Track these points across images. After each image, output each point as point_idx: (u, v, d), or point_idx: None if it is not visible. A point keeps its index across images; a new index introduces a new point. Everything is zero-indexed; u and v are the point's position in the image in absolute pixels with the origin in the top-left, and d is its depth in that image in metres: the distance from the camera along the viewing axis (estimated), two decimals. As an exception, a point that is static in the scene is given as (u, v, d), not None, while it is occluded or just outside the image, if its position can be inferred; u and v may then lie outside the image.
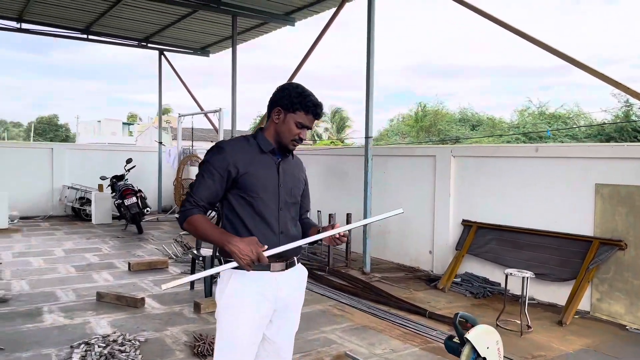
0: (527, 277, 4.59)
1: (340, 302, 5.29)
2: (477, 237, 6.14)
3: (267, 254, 1.95)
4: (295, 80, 8.95)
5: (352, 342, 4.16)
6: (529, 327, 4.58)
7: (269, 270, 2.13)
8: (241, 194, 2.12)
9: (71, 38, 11.14)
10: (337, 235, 2.10)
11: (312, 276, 6.27)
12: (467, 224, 6.33)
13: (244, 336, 2.10)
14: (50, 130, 52.79)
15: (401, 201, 7.30)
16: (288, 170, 2.23)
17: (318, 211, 7.70)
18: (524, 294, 4.59)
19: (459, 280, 6.02)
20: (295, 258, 2.26)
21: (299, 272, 2.31)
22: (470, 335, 2.75)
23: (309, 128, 2.17)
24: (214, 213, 5.93)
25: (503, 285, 5.64)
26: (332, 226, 2.13)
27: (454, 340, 2.92)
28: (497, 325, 4.62)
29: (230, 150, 2.12)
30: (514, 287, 5.37)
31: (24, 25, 10.32)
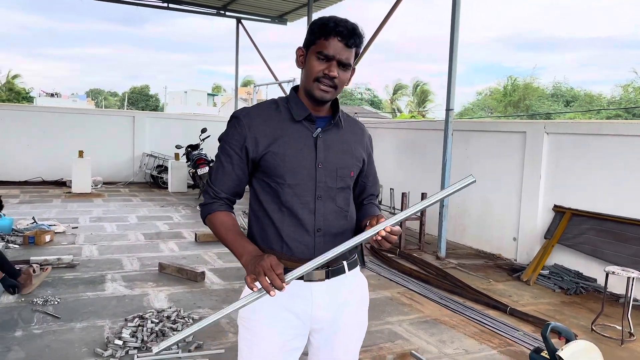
0: (634, 278, 3.89)
1: (410, 289, 4.85)
2: (571, 225, 5.41)
3: (287, 277, 1.37)
4: (371, 53, 8.47)
5: (420, 337, 3.73)
6: (631, 334, 3.91)
7: (302, 278, 1.54)
8: (265, 178, 1.59)
9: (153, 7, 11.25)
10: (383, 233, 1.41)
11: (381, 259, 5.87)
12: (559, 210, 5.60)
13: None
14: (141, 100, 55.62)
15: (484, 181, 6.65)
16: (334, 143, 1.61)
17: (391, 189, 7.22)
18: (629, 296, 3.91)
19: (546, 272, 5.35)
20: (344, 262, 1.65)
21: (352, 283, 1.70)
22: (565, 353, 2.23)
23: (340, 61, 1.51)
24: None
25: (600, 282, 4.94)
26: (376, 220, 1.47)
27: (542, 354, 2.41)
28: (593, 330, 3.99)
29: (248, 121, 1.57)
30: (614, 285, 4.66)
31: (109, -5, 10.52)
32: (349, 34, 1.49)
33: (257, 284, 1.37)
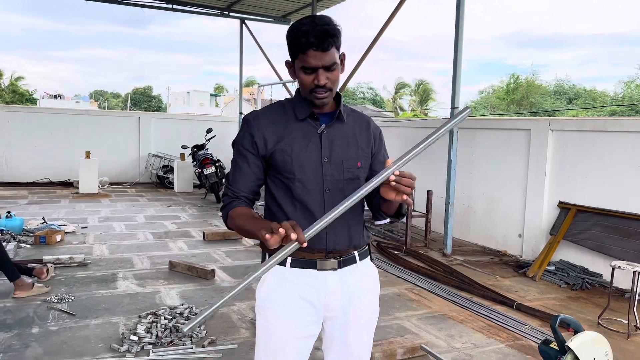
0: (639, 272, 3.94)
1: (417, 285, 4.91)
2: (576, 221, 5.46)
3: (306, 233, 1.36)
4: (375, 52, 8.50)
5: (429, 332, 3.79)
6: (637, 328, 3.96)
7: (316, 268, 1.66)
8: (277, 174, 1.67)
9: (157, 8, 11.31)
10: (393, 177, 1.40)
11: (387, 256, 5.93)
12: (564, 207, 5.65)
13: (280, 350, 1.67)
14: (144, 101, 55.76)
15: (488, 178, 6.70)
16: (338, 138, 1.69)
17: (397, 186, 7.26)
18: (635, 290, 3.96)
19: (552, 268, 5.40)
20: (355, 252, 1.73)
21: (363, 273, 1.77)
22: (574, 343, 2.29)
23: (324, 67, 1.55)
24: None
25: (605, 277, 4.99)
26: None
27: (551, 346, 2.47)
28: (599, 324, 4.04)
29: (257, 123, 1.67)
30: (620, 280, 4.70)
31: (113, -4, 10.59)
32: (321, 40, 1.52)
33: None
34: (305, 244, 1.34)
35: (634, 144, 5.02)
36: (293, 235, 1.32)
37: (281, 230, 1.32)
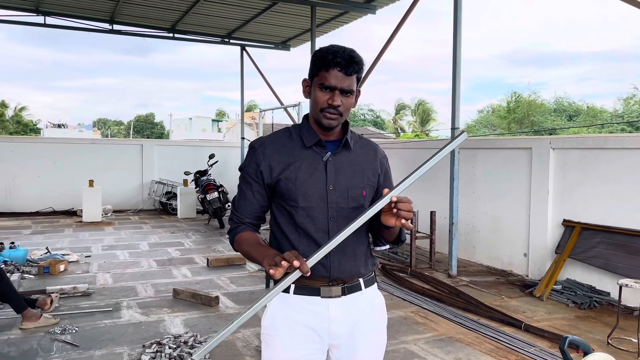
0: (647, 290, 3.90)
1: (423, 308, 4.86)
2: (581, 239, 5.43)
3: (309, 261, 1.40)
4: (373, 73, 8.61)
5: (437, 355, 3.74)
6: (648, 347, 3.90)
7: (319, 295, 1.65)
8: (281, 202, 1.68)
9: (159, 37, 11.49)
10: (391, 204, 1.44)
11: (392, 278, 5.88)
12: (568, 225, 5.62)
13: None
14: (146, 128, 56.19)
15: (491, 198, 6.69)
16: (344, 166, 1.68)
17: (400, 208, 7.26)
18: (643, 308, 3.91)
19: (559, 287, 5.35)
20: (360, 280, 1.71)
21: (369, 301, 1.74)
22: (583, 365, 2.25)
23: (342, 90, 1.58)
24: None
25: (613, 295, 4.94)
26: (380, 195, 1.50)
27: (560, 368, 2.43)
28: (609, 343, 3.99)
29: (262, 150, 1.68)
30: (628, 298, 4.65)
31: (116, 27, 10.76)
32: (347, 63, 1.57)
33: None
34: (308, 274, 1.36)
35: (636, 161, 5.02)
36: (296, 263, 1.34)
37: (284, 263, 1.35)
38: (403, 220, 1.47)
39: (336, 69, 1.57)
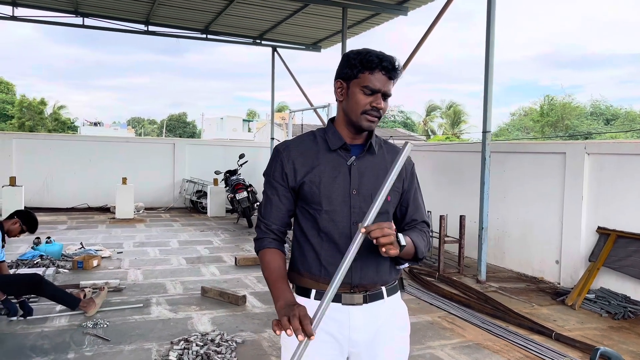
0: (685, 302, 3.76)
1: (451, 313, 4.80)
2: (617, 247, 5.27)
3: (314, 326, 1.38)
4: (405, 74, 8.57)
5: (463, 362, 3.69)
6: (685, 361, 3.76)
7: (340, 302, 1.62)
8: (305, 205, 1.67)
9: (192, 38, 11.66)
10: (370, 239, 1.42)
11: (420, 282, 5.83)
12: (603, 232, 5.47)
13: None
14: (179, 127, 57.15)
15: (523, 203, 6.56)
16: (368, 170, 1.66)
17: (428, 211, 7.19)
18: (681, 321, 3.78)
19: (592, 296, 5.21)
20: (383, 288, 1.68)
21: (391, 309, 1.70)
22: (615, 379, 2.19)
23: (385, 93, 1.59)
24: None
25: (650, 306, 4.78)
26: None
27: (591, 380, 2.37)
28: (644, 356, 3.86)
29: (287, 154, 1.67)
30: (665, 311, 4.50)
31: (151, 28, 10.98)
32: (393, 68, 1.59)
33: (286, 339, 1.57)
34: (313, 338, 1.35)
35: (676, 168, 4.85)
36: (300, 337, 1.34)
37: (289, 332, 1.35)
38: (383, 249, 1.44)
39: (382, 72, 1.58)
